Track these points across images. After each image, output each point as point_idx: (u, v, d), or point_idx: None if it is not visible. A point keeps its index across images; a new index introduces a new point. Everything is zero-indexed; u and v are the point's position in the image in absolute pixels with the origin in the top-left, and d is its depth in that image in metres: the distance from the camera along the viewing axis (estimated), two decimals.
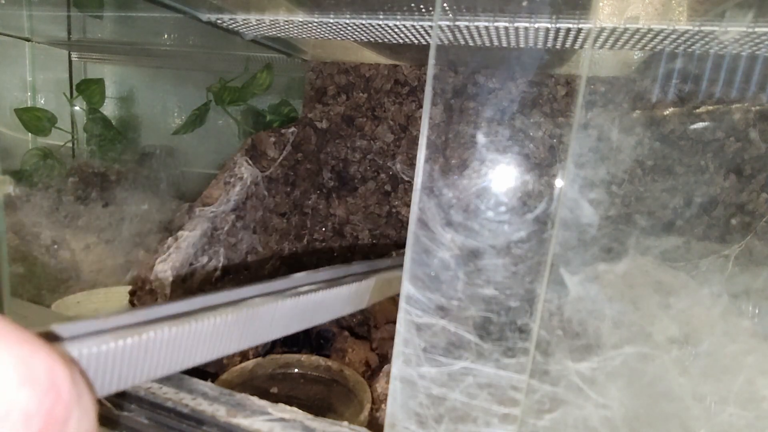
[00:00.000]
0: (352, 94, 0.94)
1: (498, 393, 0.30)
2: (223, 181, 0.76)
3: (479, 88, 0.55)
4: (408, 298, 0.29)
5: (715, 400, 0.35)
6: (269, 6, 0.62)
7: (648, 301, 0.39)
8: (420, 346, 0.30)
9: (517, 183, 0.24)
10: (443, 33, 0.52)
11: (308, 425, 0.46)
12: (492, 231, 0.28)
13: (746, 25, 0.47)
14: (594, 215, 0.33)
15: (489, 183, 0.25)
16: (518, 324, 0.31)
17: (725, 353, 0.37)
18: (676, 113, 0.61)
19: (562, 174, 0.24)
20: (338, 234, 0.99)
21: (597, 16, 0.51)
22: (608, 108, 0.61)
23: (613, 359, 0.35)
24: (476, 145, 0.29)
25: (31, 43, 1.03)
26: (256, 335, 0.19)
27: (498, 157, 0.24)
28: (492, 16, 0.51)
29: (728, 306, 0.40)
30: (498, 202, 0.28)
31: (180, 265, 0.67)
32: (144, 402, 0.49)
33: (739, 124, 0.57)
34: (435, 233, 0.28)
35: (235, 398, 0.50)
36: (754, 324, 0.40)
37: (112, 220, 0.87)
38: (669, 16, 0.50)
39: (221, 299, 0.19)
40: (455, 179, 0.26)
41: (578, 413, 0.33)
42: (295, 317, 0.19)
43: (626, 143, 0.58)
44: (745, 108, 0.57)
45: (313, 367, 0.73)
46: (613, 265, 0.39)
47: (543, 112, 0.78)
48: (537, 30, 0.53)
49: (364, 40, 0.70)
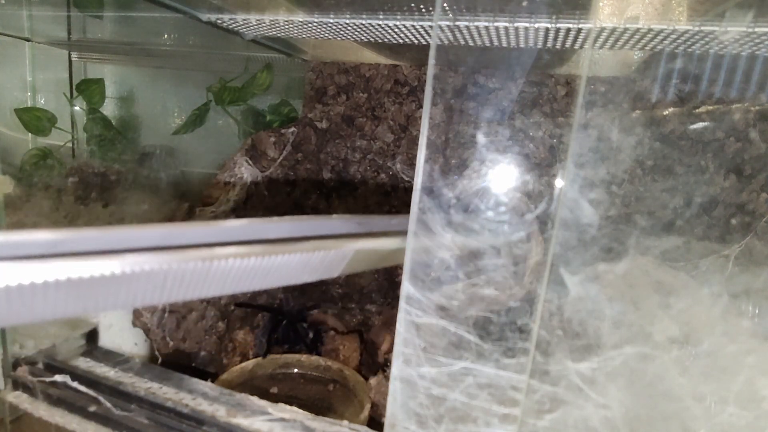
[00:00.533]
0: (352, 94, 0.94)
1: (498, 393, 0.30)
2: (223, 181, 0.76)
3: (479, 88, 0.55)
4: (408, 298, 0.29)
5: (715, 400, 0.35)
6: (269, 6, 0.62)
7: (648, 301, 0.39)
8: (420, 346, 0.30)
9: (517, 183, 0.24)
10: (443, 33, 0.52)
11: (308, 425, 0.46)
12: (492, 231, 0.28)
13: (746, 25, 0.47)
14: (594, 215, 0.33)
15: (489, 183, 0.25)
16: (518, 324, 0.31)
17: (725, 353, 0.37)
18: (676, 113, 0.61)
19: (562, 174, 0.24)
20: None
21: (597, 16, 0.51)
22: (608, 108, 0.61)
23: (614, 359, 0.35)
24: (476, 145, 0.29)
25: (31, 43, 1.03)
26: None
27: (498, 157, 0.24)
28: (492, 16, 0.51)
29: (728, 306, 0.40)
30: (498, 202, 0.28)
31: None
32: (144, 402, 0.49)
33: (739, 124, 0.57)
34: (435, 233, 0.28)
35: (235, 398, 0.50)
36: (754, 324, 0.40)
37: (112, 220, 0.87)
38: (669, 16, 0.50)
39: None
40: (455, 179, 0.26)
41: (578, 413, 0.33)
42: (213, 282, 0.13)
43: (626, 143, 0.58)
44: (745, 108, 0.57)
45: (313, 367, 0.73)
46: (613, 265, 0.39)
47: (543, 112, 0.78)
48: (537, 30, 0.53)
49: (364, 40, 0.70)
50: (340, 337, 0.80)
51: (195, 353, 0.73)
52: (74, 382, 0.50)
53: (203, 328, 0.74)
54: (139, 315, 0.64)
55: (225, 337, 0.77)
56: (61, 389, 0.50)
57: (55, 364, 0.53)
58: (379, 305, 0.96)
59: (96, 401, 0.49)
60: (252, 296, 0.84)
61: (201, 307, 0.73)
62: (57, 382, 0.51)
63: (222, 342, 0.77)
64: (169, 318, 0.67)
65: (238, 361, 0.74)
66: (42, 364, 0.53)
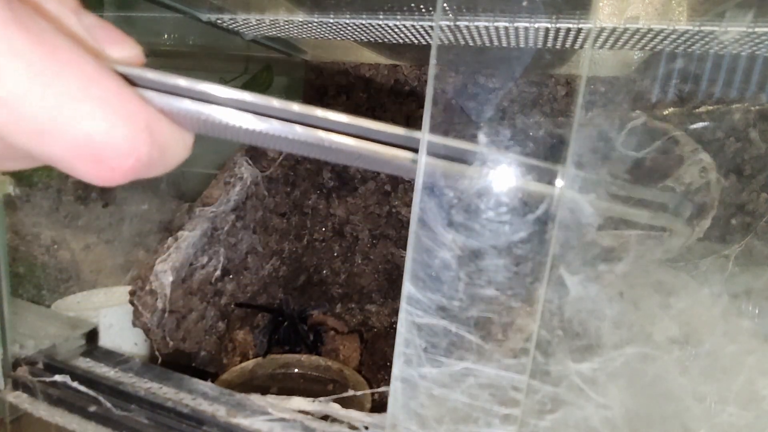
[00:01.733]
0: (352, 94, 0.94)
1: (499, 393, 0.30)
2: (223, 181, 0.76)
3: (479, 88, 0.55)
4: (409, 299, 0.29)
5: (715, 400, 0.35)
6: (269, 6, 0.62)
7: (648, 301, 0.39)
8: (421, 347, 0.30)
9: (518, 183, 0.24)
10: (443, 33, 0.52)
11: (308, 425, 0.46)
12: (493, 231, 0.28)
13: (746, 25, 0.47)
14: (594, 215, 0.33)
15: (490, 183, 0.25)
16: (519, 324, 0.31)
17: (725, 353, 0.37)
18: (676, 113, 0.61)
19: (562, 174, 0.24)
20: (338, 234, 0.99)
21: (597, 16, 0.51)
22: (608, 108, 0.61)
23: (614, 360, 0.35)
24: (477, 145, 0.29)
25: None
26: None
27: (499, 157, 0.24)
28: (492, 16, 0.51)
29: (728, 306, 0.40)
30: (499, 202, 0.28)
31: (180, 265, 0.67)
32: (144, 402, 0.49)
33: (739, 124, 0.58)
34: (436, 233, 0.28)
35: (235, 398, 0.50)
36: (754, 324, 0.40)
37: (112, 220, 0.87)
38: (669, 16, 0.50)
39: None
40: (456, 179, 0.26)
41: (579, 414, 0.33)
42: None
43: (626, 143, 0.58)
44: (745, 108, 0.57)
45: (313, 367, 0.73)
46: (614, 265, 0.39)
47: (543, 111, 0.78)
48: (537, 30, 0.53)
49: (364, 40, 0.70)
50: (341, 337, 0.80)
51: (195, 353, 0.73)
52: (74, 382, 0.50)
53: (203, 328, 0.74)
54: (139, 315, 0.64)
55: (225, 337, 0.77)
56: (61, 389, 0.50)
57: (55, 364, 0.53)
58: (379, 305, 0.96)
59: (96, 401, 0.49)
60: (252, 296, 0.84)
61: (201, 307, 0.73)
62: (57, 382, 0.51)
63: (222, 342, 0.77)
64: (169, 318, 0.67)
65: (238, 361, 0.74)
66: (42, 364, 0.53)
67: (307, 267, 0.99)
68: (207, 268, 0.73)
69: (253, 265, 0.83)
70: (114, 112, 0.14)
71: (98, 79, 0.14)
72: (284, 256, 0.92)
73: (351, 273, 0.98)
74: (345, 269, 0.99)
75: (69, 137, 0.14)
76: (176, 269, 0.67)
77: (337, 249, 0.99)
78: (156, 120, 0.16)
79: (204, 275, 0.72)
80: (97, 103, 0.14)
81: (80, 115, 0.14)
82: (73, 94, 0.13)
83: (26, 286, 0.75)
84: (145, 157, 0.15)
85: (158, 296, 0.65)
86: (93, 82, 0.14)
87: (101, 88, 0.14)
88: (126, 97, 0.15)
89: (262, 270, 0.86)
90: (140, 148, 0.15)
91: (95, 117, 0.14)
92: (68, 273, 0.80)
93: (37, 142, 0.14)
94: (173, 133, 0.17)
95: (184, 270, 0.68)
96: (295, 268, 0.96)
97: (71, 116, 0.13)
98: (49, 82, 0.13)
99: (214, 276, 0.74)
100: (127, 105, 0.15)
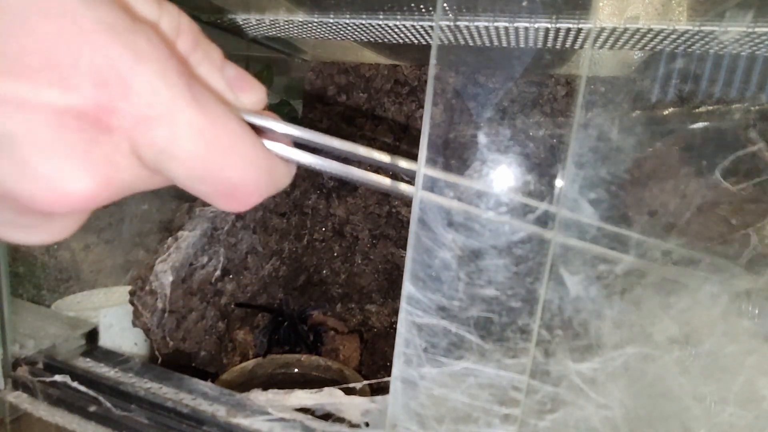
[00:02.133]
0: (352, 94, 0.94)
1: (499, 393, 0.30)
2: None
3: (480, 88, 0.55)
4: (409, 299, 0.29)
5: (715, 400, 0.35)
6: (269, 6, 0.62)
7: (648, 301, 0.39)
8: (421, 347, 0.30)
9: (518, 183, 0.24)
10: (444, 33, 0.52)
11: (308, 425, 0.46)
12: (493, 231, 0.28)
13: (746, 25, 0.47)
14: (594, 215, 0.33)
15: (490, 183, 0.25)
16: (519, 324, 0.31)
17: (725, 353, 0.37)
18: (676, 113, 0.61)
19: (563, 174, 0.24)
20: (338, 234, 0.99)
21: (597, 16, 0.51)
22: (608, 108, 0.61)
23: (614, 360, 0.35)
24: (477, 145, 0.29)
25: None
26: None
27: (499, 157, 0.24)
28: (492, 17, 0.51)
29: (728, 306, 0.40)
30: (499, 202, 0.28)
31: (180, 265, 0.67)
32: (144, 402, 0.49)
33: (739, 124, 0.58)
34: (436, 233, 0.28)
35: (235, 398, 0.50)
36: (754, 324, 0.40)
37: (112, 220, 0.87)
38: (669, 16, 0.50)
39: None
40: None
41: (579, 413, 0.33)
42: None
43: (626, 143, 0.58)
44: (745, 108, 0.57)
45: (313, 367, 0.73)
46: (614, 265, 0.39)
47: (543, 111, 0.78)
48: (537, 30, 0.53)
49: (364, 40, 0.70)
50: (340, 337, 0.80)
51: (195, 353, 0.73)
52: (74, 382, 0.50)
53: (203, 328, 0.74)
54: (139, 315, 0.64)
55: (225, 337, 0.77)
56: (61, 389, 0.50)
57: (55, 364, 0.53)
58: (379, 305, 0.96)
59: (96, 401, 0.49)
60: (252, 296, 0.84)
61: (201, 307, 0.73)
62: (57, 382, 0.51)
63: (222, 342, 0.77)
64: (169, 318, 0.67)
65: (238, 361, 0.74)
66: (42, 364, 0.53)
67: (307, 267, 0.99)
68: (207, 268, 0.73)
69: (253, 265, 0.83)
70: (250, 162, 0.19)
71: (241, 136, 0.19)
72: (284, 256, 0.92)
73: (351, 273, 0.98)
74: (345, 269, 0.99)
75: (218, 182, 0.18)
76: (176, 269, 0.67)
77: (337, 249, 0.99)
78: (275, 164, 0.21)
79: (204, 275, 0.72)
80: (238, 157, 0.18)
81: (227, 167, 0.18)
82: (224, 151, 0.18)
83: (26, 286, 0.75)
84: (265, 192, 0.20)
85: (158, 296, 0.65)
86: (238, 140, 0.18)
87: (243, 144, 0.19)
88: (257, 148, 0.19)
89: (262, 270, 0.86)
90: (263, 187, 0.20)
91: (236, 167, 0.18)
92: (68, 273, 0.80)
93: (194, 186, 0.18)
94: (284, 168, 0.22)
95: (184, 270, 0.68)
96: (295, 268, 0.96)
97: (221, 167, 0.18)
98: (210, 144, 0.17)
99: (214, 276, 0.74)
100: (258, 154, 0.19)
